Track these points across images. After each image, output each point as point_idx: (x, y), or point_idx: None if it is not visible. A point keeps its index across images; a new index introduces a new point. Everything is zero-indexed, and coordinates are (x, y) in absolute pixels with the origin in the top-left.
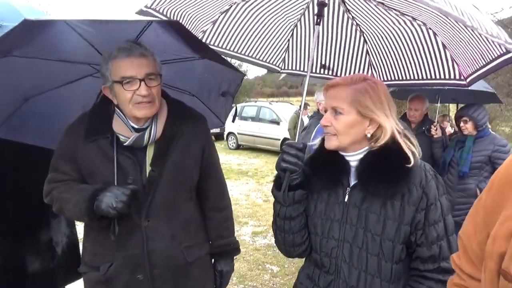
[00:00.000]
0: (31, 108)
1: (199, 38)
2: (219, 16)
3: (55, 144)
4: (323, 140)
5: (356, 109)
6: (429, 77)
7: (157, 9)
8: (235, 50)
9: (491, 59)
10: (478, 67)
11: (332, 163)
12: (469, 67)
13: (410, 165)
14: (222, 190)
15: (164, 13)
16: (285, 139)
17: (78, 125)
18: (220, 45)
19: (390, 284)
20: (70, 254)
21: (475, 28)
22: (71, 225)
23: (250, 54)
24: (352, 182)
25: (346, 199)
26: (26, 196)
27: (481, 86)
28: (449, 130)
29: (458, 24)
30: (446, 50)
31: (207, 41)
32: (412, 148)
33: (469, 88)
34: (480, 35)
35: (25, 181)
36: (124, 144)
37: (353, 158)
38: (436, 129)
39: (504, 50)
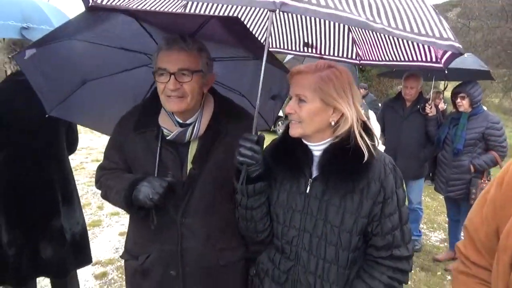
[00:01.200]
0: (87, 91)
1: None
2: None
3: (104, 129)
4: (287, 128)
5: (319, 97)
6: (408, 58)
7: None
8: None
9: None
10: (443, 51)
11: (295, 153)
12: (438, 49)
13: (364, 161)
14: None
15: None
16: (278, 116)
17: (130, 117)
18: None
19: (346, 270)
20: (81, 240)
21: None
22: (82, 213)
23: None
24: (314, 173)
25: (307, 190)
26: (40, 189)
27: (477, 65)
28: (442, 106)
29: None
30: None
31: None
32: (368, 142)
33: (465, 67)
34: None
35: (41, 176)
36: (167, 138)
37: (317, 148)
38: (431, 107)
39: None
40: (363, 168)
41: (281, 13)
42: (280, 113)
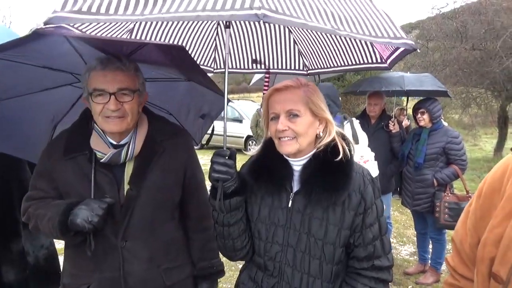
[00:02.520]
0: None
1: (192, 61)
2: (134, 25)
3: (17, 151)
4: (265, 145)
5: (310, 109)
6: (354, 62)
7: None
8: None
9: (395, 48)
10: (391, 52)
11: (275, 169)
12: (385, 51)
13: (345, 172)
14: (205, 210)
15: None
16: (248, 136)
17: (57, 142)
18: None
19: (329, 284)
20: (47, 265)
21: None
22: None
23: None
24: (295, 187)
25: (289, 205)
26: None
27: (435, 86)
28: (406, 122)
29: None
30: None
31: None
32: (346, 149)
33: (423, 88)
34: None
35: None
36: (101, 160)
37: (298, 163)
38: (394, 124)
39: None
40: (344, 180)
41: (231, 32)
42: (250, 133)
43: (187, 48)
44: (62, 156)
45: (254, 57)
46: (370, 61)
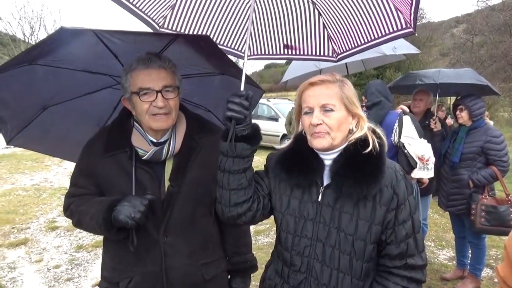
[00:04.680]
0: (48, 117)
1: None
2: (176, 1)
3: (66, 155)
4: (295, 139)
5: (344, 105)
6: (380, 34)
7: None
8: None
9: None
10: (409, 5)
11: (305, 162)
12: (411, 14)
13: (377, 166)
14: None
15: None
16: (284, 135)
17: (98, 140)
18: (181, 31)
19: (360, 281)
20: None
21: None
22: None
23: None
24: (326, 181)
25: (319, 199)
26: None
27: (474, 79)
28: (449, 121)
29: None
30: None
31: (168, 27)
32: (375, 143)
33: (460, 81)
34: None
35: None
36: (143, 158)
37: (328, 157)
38: (435, 123)
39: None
40: (375, 173)
41: (260, 15)
42: (284, 131)
43: (219, 32)
44: (103, 153)
45: (286, 42)
46: (396, 28)
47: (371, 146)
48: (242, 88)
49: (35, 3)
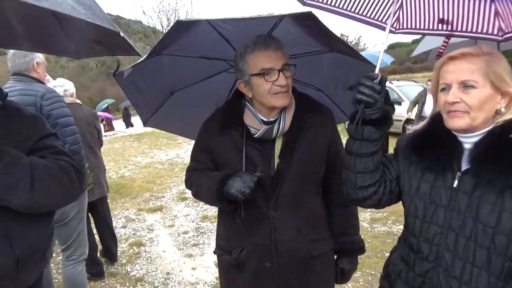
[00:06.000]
0: (175, 101)
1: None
2: None
3: (189, 134)
4: (431, 120)
5: (490, 81)
6: None
7: None
8: (337, 5)
9: None
10: None
11: (441, 144)
12: None
13: None
14: None
15: None
16: (408, 120)
17: (214, 119)
18: (320, 1)
19: (499, 281)
20: None
21: None
22: None
23: (355, 10)
24: (464, 166)
25: (455, 185)
26: None
27: None
28: None
29: None
30: None
31: None
32: None
33: None
34: None
35: None
36: (254, 136)
37: (468, 140)
38: None
39: None
40: None
41: None
42: (407, 115)
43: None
44: (218, 131)
45: (442, 16)
46: None
47: None
48: (377, 70)
49: None
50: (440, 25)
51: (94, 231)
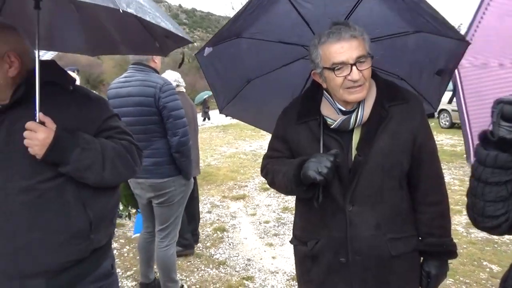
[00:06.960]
0: (251, 90)
1: None
2: None
3: (261, 124)
4: None
5: None
6: None
7: None
8: None
9: None
10: None
11: None
12: None
13: None
14: (436, 183)
15: None
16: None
17: (292, 108)
18: None
19: None
20: None
21: None
22: None
23: None
24: None
25: None
26: None
27: None
28: None
29: None
30: None
31: None
32: None
33: None
34: None
35: None
36: (331, 126)
37: None
38: None
39: None
40: None
41: None
42: (443, 106)
43: None
44: (296, 121)
45: None
46: None
47: None
48: None
49: None
50: None
51: None
